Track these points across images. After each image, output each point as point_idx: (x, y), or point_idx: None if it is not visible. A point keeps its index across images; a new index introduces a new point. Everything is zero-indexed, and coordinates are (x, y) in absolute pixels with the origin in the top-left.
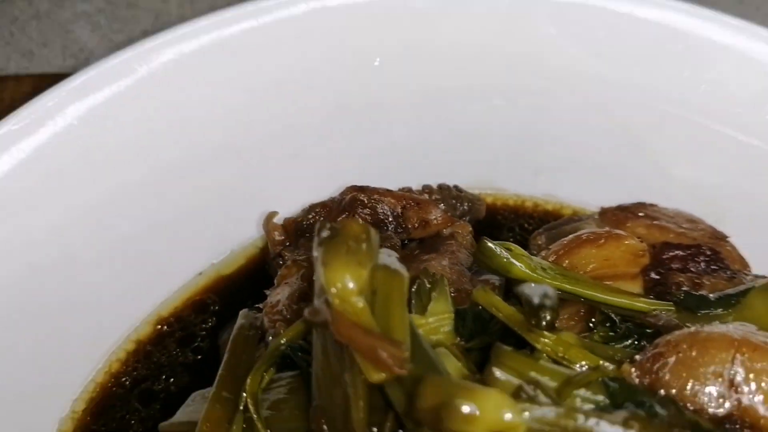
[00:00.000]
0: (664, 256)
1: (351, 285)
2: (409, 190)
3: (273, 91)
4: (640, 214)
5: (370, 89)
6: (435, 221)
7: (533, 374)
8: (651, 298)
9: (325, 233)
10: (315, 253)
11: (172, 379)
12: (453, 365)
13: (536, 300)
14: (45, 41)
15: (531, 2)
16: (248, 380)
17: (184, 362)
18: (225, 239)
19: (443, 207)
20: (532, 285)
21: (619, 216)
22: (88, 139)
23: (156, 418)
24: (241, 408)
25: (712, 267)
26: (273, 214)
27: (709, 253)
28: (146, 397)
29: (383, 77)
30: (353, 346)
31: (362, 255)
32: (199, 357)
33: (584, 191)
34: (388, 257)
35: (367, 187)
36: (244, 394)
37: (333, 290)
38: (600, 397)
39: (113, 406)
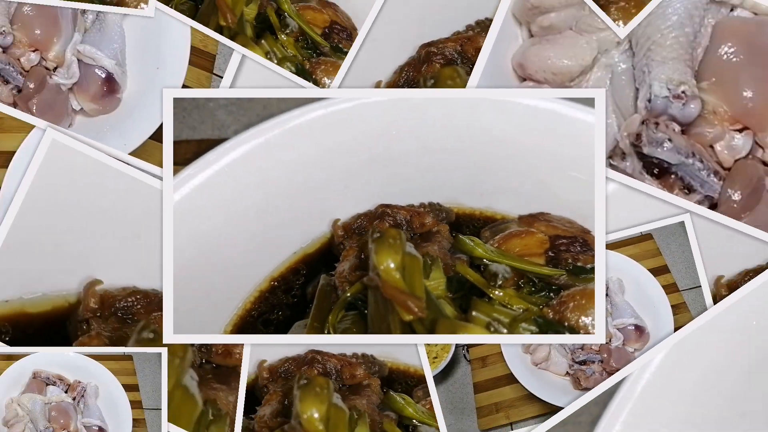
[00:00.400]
0: (556, 243)
1: (392, 264)
2: (413, 206)
3: (332, 152)
4: (542, 218)
5: (390, 148)
6: (428, 224)
7: (495, 315)
8: (552, 268)
9: (375, 235)
10: (370, 246)
11: (280, 313)
12: (449, 310)
13: (499, 273)
14: (202, 120)
15: (478, 100)
16: (330, 317)
17: (287, 303)
18: (308, 234)
19: (432, 215)
20: (496, 265)
21: (530, 220)
22: (231, 178)
23: None
24: (325, 332)
25: (584, 249)
26: (337, 220)
27: (581, 241)
28: (265, 324)
29: (398, 141)
30: (393, 299)
31: (397, 247)
32: (296, 300)
33: (509, 205)
34: (410, 247)
35: (390, 204)
36: (327, 324)
37: (382, 267)
38: (533, 327)
39: (247, 328)
